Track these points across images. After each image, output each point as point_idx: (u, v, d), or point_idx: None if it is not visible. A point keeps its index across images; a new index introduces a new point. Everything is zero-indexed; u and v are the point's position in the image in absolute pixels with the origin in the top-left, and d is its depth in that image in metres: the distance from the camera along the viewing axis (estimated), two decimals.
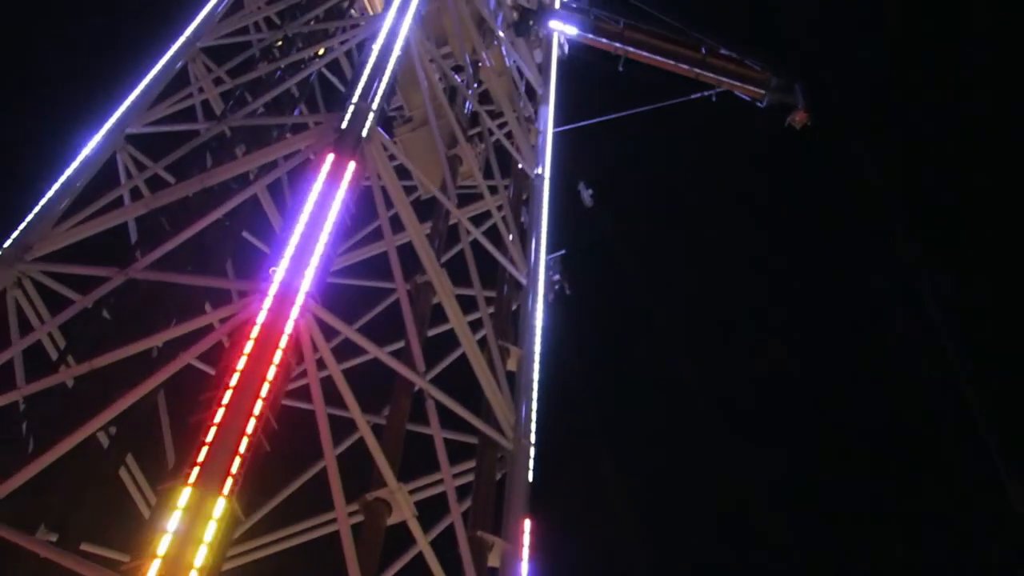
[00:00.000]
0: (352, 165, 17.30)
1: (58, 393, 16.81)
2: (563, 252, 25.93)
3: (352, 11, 25.74)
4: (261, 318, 14.20)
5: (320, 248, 15.56)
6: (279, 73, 23.01)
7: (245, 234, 20.70)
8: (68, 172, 20.68)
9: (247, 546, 21.03)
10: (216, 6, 26.43)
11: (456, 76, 27.74)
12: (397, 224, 19.56)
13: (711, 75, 30.83)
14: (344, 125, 18.08)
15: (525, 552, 17.73)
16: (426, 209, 23.68)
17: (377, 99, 19.03)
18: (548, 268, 25.22)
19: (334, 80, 27.09)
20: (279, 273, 14.90)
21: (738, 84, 30.73)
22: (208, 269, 18.78)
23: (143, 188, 20.63)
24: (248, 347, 13.75)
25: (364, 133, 18.11)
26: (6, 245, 18.82)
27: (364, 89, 19.09)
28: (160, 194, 19.86)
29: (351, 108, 18.47)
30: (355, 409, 16.22)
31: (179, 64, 24.28)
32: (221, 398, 13.04)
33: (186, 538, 11.63)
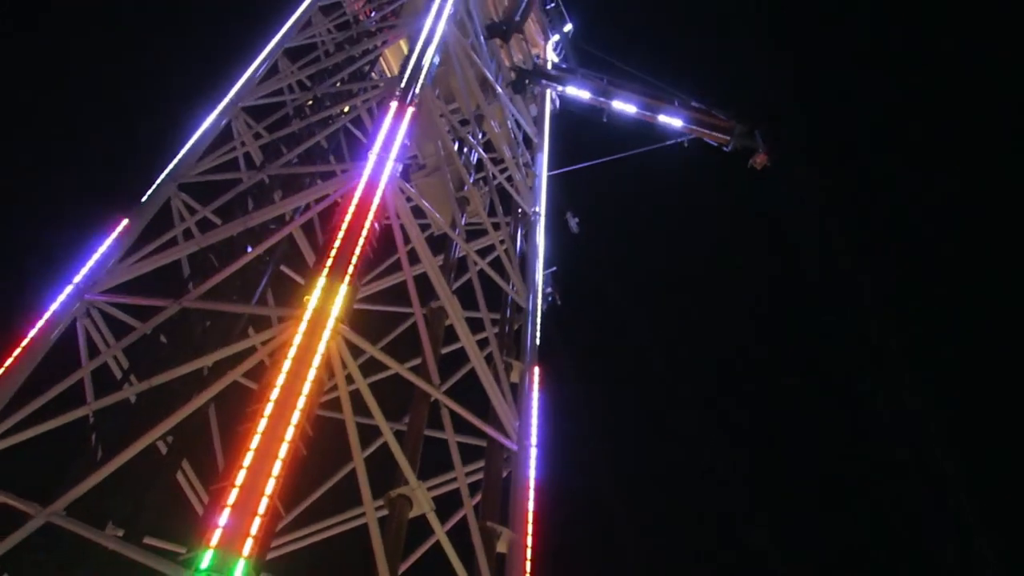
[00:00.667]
0: (374, 206, 17.42)
1: (122, 408, 16.84)
2: (554, 269, 25.92)
3: (372, 74, 25.88)
4: (297, 340, 14.27)
5: (348, 279, 15.65)
6: (310, 128, 23.08)
7: (283, 268, 20.75)
8: (126, 220, 20.64)
9: (289, 537, 21.04)
10: (255, 71, 26.55)
11: (463, 128, 27.87)
12: (414, 257, 19.63)
13: (683, 123, 30.86)
14: (367, 173, 18.19)
15: (529, 540, 17.78)
16: (439, 243, 23.75)
17: (395, 149, 19.13)
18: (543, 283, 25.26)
19: (358, 133, 27.15)
20: (312, 301, 14.99)
21: (706, 132, 30.74)
22: (251, 298, 18.87)
23: (194, 229, 20.70)
24: (286, 366, 13.81)
25: (384, 179, 18.21)
26: (76, 280, 18.87)
27: (384, 140, 19.19)
28: (209, 234, 19.97)
29: (372, 158, 18.57)
30: (379, 417, 16.23)
31: (224, 121, 24.36)
32: (263, 410, 13.11)
33: (235, 532, 11.70)
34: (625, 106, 31.08)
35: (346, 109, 23.71)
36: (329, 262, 15.61)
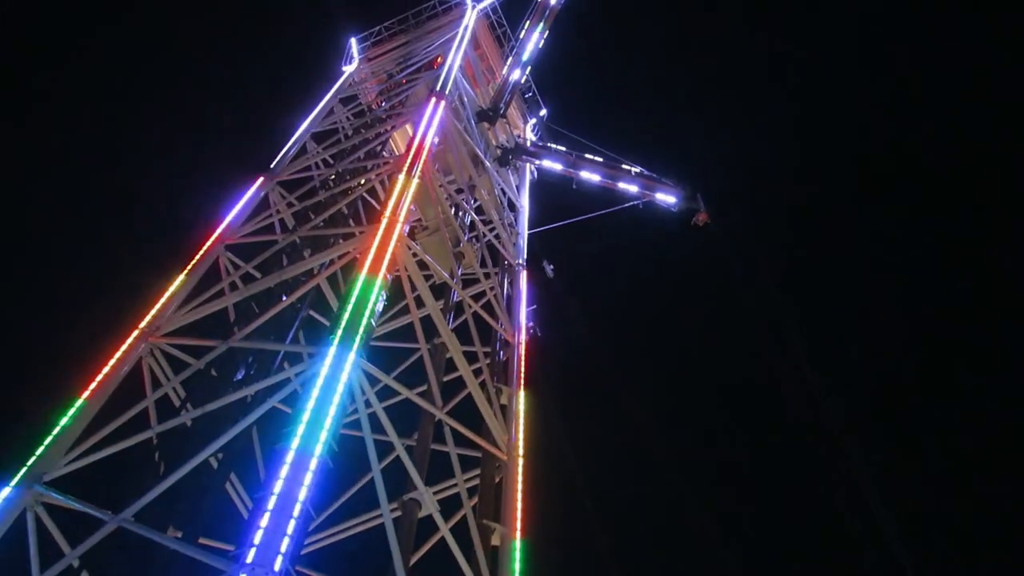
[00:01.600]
0: (386, 261, 17.52)
1: (180, 431, 16.83)
2: (534, 307, 25.91)
3: (383, 152, 26.03)
4: (324, 372, 14.33)
5: (364, 323, 15.72)
6: (333, 197, 23.20)
7: (312, 312, 20.77)
8: (187, 270, 20.75)
9: (319, 536, 20.94)
10: (288, 151, 26.76)
11: (458, 196, 28.06)
12: (419, 302, 19.70)
13: (639, 189, 31.09)
14: (380, 233, 18.30)
15: (518, 534, 17.74)
16: (440, 291, 23.85)
17: (402, 214, 19.27)
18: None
19: (372, 201, 27.28)
20: (336, 341, 15.04)
21: (657, 196, 30.98)
22: (286, 338, 18.90)
23: (238, 282, 20.72)
24: (314, 393, 13.86)
25: (394, 238, 18.32)
26: (141, 325, 18.89)
27: (393, 206, 19.33)
28: (250, 286, 20.04)
29: (384, 221, 18.68)
30: (393, 434, 16.26)
31: (262, 193, 24.48)
32: (298, 431, 13.15)
33: (275, 532, 11.69)
34: (590, 175, 31.27)
35: (362, 181, 23.86)
36: (347, 315, 15.72)
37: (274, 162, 25.91)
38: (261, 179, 24.75)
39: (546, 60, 32.44)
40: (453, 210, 26.54)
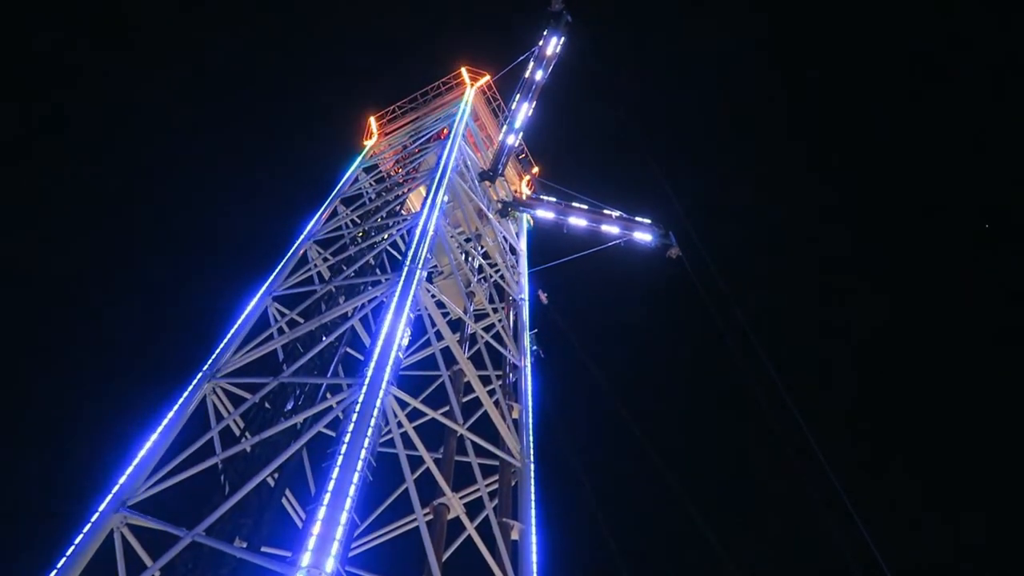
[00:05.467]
0: (409, 302, 17.64)
1: (241, 456, 16.84)
2: (536, 330, 25.87)
3: (402, 211, 26.25)
4: (361, 399, 14.39)
5: (393, 356, 15.80)
6: (361, 252, 23.37)
7: (348, 350, 20.84)
8: (239, 320, 20.90)
9: (364, 539, 20.82)
10: (321, 214, 27.02)
11: (467, 244, 28.25)
12: (439, 336, 19.79)
13: (619, 230, 31.24)
14: (402, 279, 18.45)
15: (534, 529, 17.66)
16: (455, 325, 23.91)
17: (420, 262, 19.43)
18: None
19: (395, 253, 27.43)
20: (370, 373, 15.12)
21: (635, 235, 31.13)
22: (327, 372, 18.95)
23: (285, 327, 20.84)
24: (354, 418, 13.92)
25: (414, 284, 18.46)
26: (204, 368, 19.02)
27: (412, 256, 19.49)
28: (296, 330, 20.14)
29: (405, 269, 18.84)
30: (423, 450, 16.27)
31: (301, 251, 24.70)
32: (341, 451, 13.19)
33: (325, 538, 11.68)
34: (578, 221, 31.51)
35: (385, 236, 24.05)
36: (378, 350, 15.82)
37: (309, 224, 26.17)
38: (300, 238, 25.01)
39: (535, 125, 32.80)
40: (464, 256, 26.72)
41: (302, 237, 25.35)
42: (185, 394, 18.19)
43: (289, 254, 24.35)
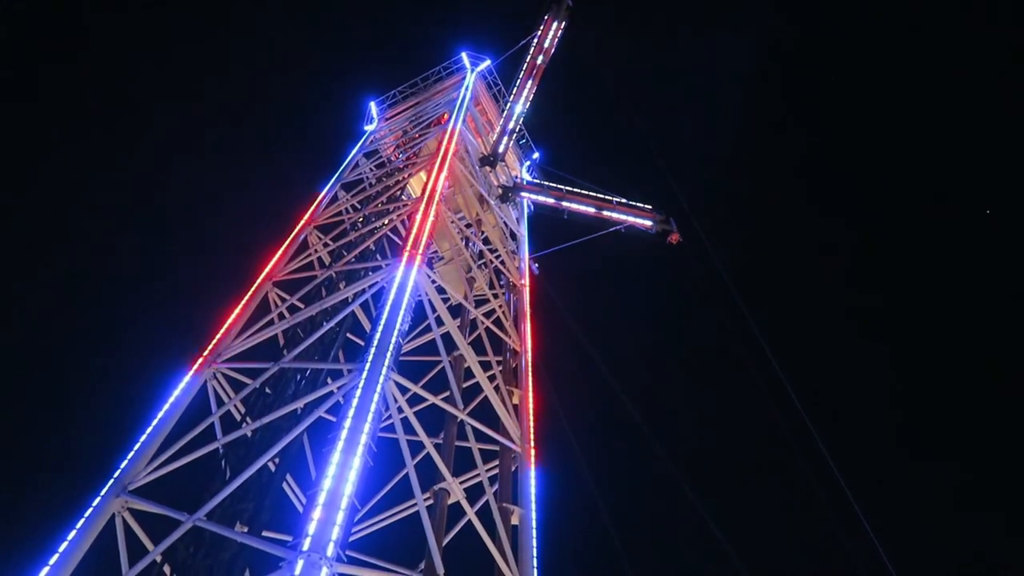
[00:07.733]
0: (409, 287, 17.58)
1: (242, 441, 16.84)
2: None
3: (402, 197, 26.18)
4: (361, 384, 14.36)
5: (393, 341, 15.75)
6: (362, 237, 23.29)
7: (349, 335, 20.80)
8: (241, 305, 20.86)
9: (364, 524, 20.88)
10: (322, 200, 26.91)
11: (468, 230, 28.14)
12: (440, 321, 19.74)
13: (620, 216, 31.09)
14: (403, 264, 18.38)
15: (534, 514, 17.68)
16: (456, 311, 23.88)
17: (421, 248, 19.35)
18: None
19: (395, 238, 27.33)
20: (370, 358, 15.08)
21: (636, 220, 30.93)
22: (328, 357, 18.90)
23: (285, 312, 20.79)
24: (354, 403, 13.89)
25: (415, 269, 18.39)
26: (205, 353, 18.96)
27: (413, 242, 19.42)
28: (296, 315, 20.08)
29: (406, 254, 18.77)
30: (423, 435, 16.25)
31: (302, 236, 24.62)
32: (341, 436, 13.16)
33: (326, 522, 11.67)
34: (578, 207, 31.37)
35: (386, 222, 23.98)
36: (379, 335, 15.78)
37: (310, 210, 26.06)
38: (301, 223, 24.92)
39: (535, 110, 32.59)
40: (464, 242, 26.63)
41: (303, 222, 25.25)
42: (186, 379, 18.17)
43: (289, 239, 24.27)
